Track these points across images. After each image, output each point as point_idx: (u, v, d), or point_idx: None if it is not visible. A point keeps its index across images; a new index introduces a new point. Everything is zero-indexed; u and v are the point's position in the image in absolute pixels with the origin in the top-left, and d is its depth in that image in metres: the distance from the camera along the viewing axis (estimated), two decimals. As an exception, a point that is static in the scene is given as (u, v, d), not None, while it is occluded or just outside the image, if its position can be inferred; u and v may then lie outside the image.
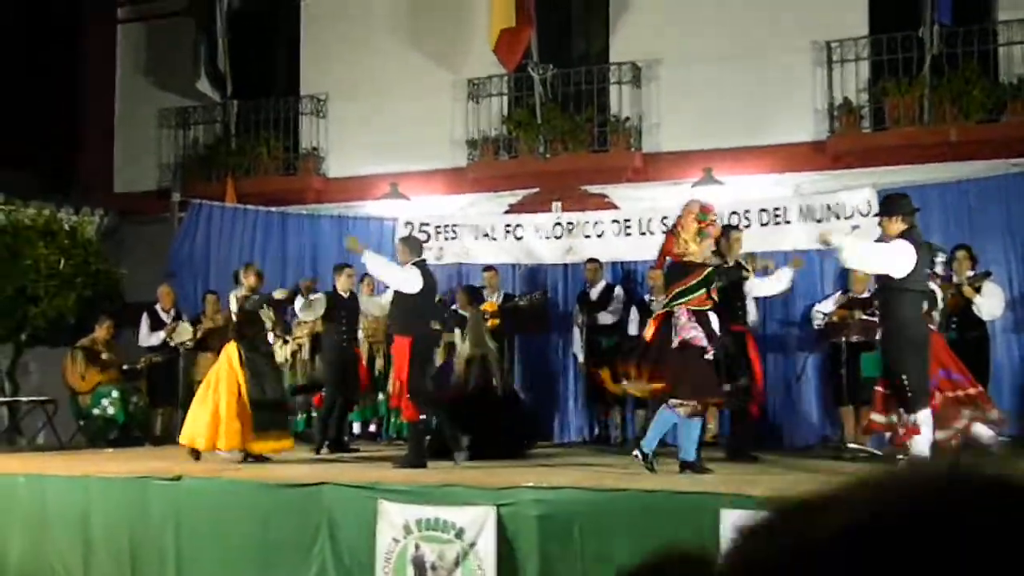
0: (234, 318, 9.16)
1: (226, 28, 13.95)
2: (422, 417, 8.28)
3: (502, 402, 9.45)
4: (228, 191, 13.37)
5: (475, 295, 10.33)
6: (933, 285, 8.06)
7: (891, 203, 7.16)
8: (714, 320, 7.30)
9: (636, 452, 7.34)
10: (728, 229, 9.10)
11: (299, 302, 9.70)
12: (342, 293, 10.10)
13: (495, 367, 9.50)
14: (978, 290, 8.75)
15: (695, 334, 7.18)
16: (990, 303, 8.77)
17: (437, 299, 9.49)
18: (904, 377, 6.86)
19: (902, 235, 6.87)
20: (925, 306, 7.53)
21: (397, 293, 8.53)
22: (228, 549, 7.22)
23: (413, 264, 8.41)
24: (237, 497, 7.34)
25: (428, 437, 8.52)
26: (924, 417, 6.89)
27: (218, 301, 11.65)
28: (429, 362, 8.66)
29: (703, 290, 7.28)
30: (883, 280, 7.04)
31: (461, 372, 9.45)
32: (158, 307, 11.70)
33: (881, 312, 7.19)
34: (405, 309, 8.42)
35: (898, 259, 6.82)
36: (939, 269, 8.61)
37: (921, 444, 6.85)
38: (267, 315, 9.67)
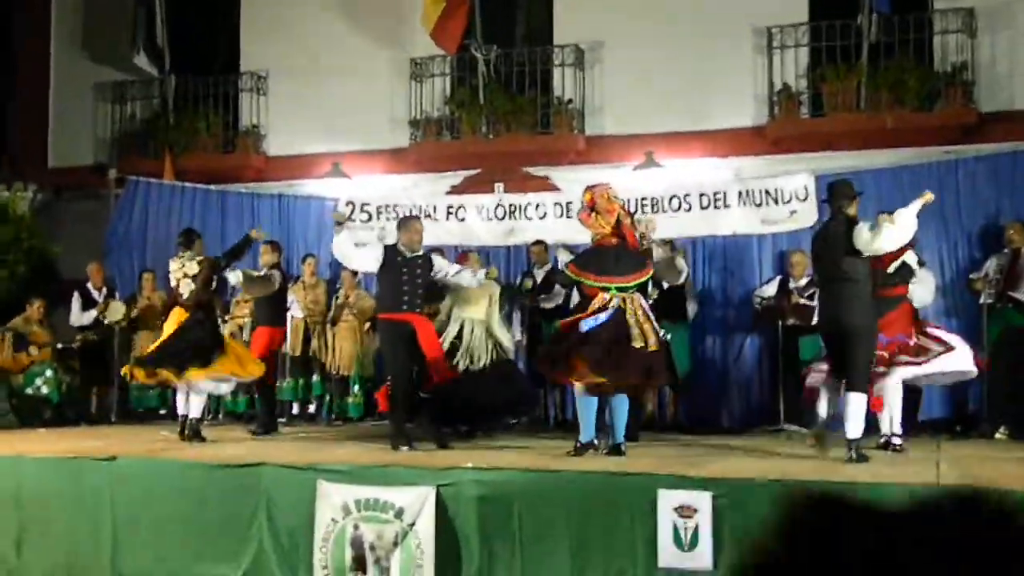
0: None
1: (165, 1, 13.71)
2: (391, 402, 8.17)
3: (490, 374, 8.90)
4: (166, 168, 13.18)
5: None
6: None
7: (847, 186, 7.32)
8: (596, 303, 7.33)
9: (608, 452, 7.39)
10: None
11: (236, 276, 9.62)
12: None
13: (481, 337, 8.97)
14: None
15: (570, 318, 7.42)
16: (922, 289, 8.92)
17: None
18: (851, 358, 6.98)
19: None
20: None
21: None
22: (165, 530, 7.14)
23: (387, 244, 8.34)
24: (174, 477, 7.25)
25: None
26: (857, 400, 7.02)
27: (155, 279, 11.51)
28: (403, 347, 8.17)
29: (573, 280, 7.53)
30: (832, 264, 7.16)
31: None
32: (89, 285, 11.48)
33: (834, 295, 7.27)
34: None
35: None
36: None
37: (852, 426, 6.98)
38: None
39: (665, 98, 12.08)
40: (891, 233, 6.96)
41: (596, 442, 7.47)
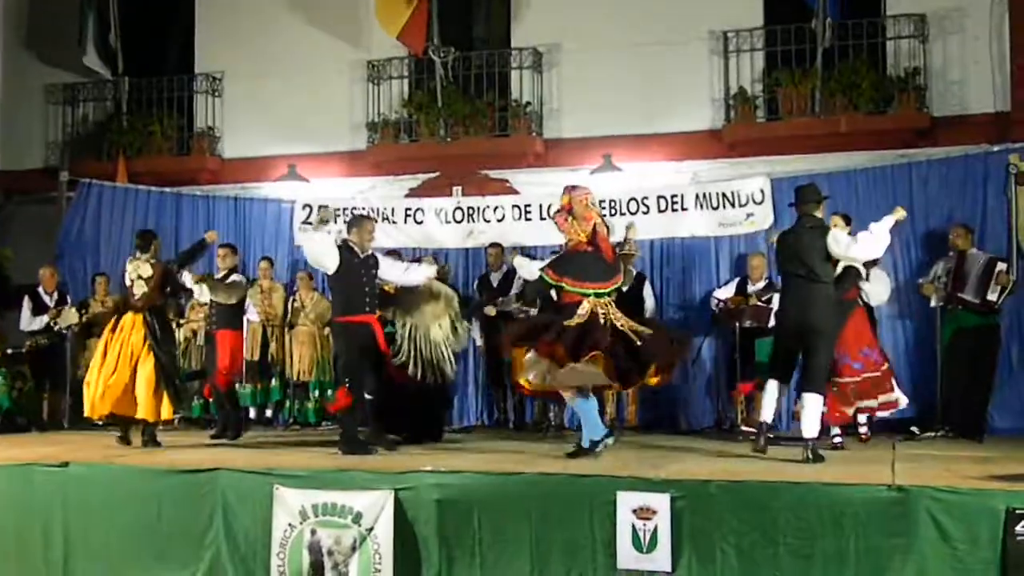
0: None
1: (117, 3, 13.54)
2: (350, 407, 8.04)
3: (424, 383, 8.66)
4: (119, 170, 13.02)
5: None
6: None
7: (812, 190, 7.50)
8: (580, 310, 7.28)
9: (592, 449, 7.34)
10: None
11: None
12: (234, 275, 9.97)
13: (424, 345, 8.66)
14: (866, 277, 9.01)
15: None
16: (877, 289, 9.04)
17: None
18: (813, 358, 7.11)
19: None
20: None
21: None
22: (119, 537, 7.04)
23: (341, 243, 8.16)
24: (128, 483, 7.16)
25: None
26: (815, 400, 7.09)
27: (108, 283, 11.35)
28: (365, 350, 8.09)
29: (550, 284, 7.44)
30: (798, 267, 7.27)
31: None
32: (40, 289, 11.28)
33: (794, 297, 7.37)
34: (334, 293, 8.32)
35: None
36: None
37: (808, 426, 7.04)
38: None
39: (622, 101, 12.11)
40: (868, 244, 7.12)
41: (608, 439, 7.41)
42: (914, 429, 9.30)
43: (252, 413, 11.43)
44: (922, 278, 9.79)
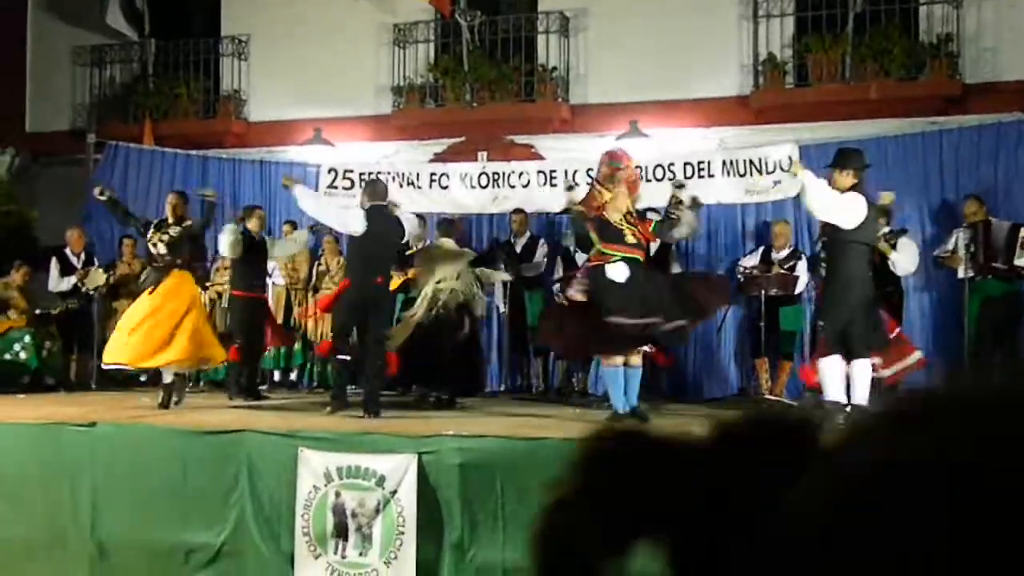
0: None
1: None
2: (339, 357, 8.26)
3: (449, 340, 8.89)
4: (146, 133, 13.04)
5: (448, 228, 10.01)
6: None
7: (844, 157, 7.20)
8: (616, 273, 7.25)
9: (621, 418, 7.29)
10: None
11: (231, 232, 9.59)
12: (255, 236, 9.93)
13: (452, 302, 8.87)
14: (894, 246, 8.93)
15: (573, 291, 7.27)
16: (905, 259, 8.96)
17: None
18: (821, 325, 7.05)
19: (852, 189, 6.96)
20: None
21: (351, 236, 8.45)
22: (145, 497, 7.12)
23: (366, 209, 8.28)
24: (154, 444, 7.22)
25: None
26: (862, 366, 6.98)
27: (135, 246, 11.40)
28: (355, 309, 8.40)
29: (592, 249, 7.32)
30: (830, 232, 7.10)
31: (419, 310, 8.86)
32: (68, 251, 11.36)
33: (827, 265, 7.23)
34: (349, 253, 8.39)
35: (849, 208, 6.92)
36: None
37: (859, 393, 6.94)
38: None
39: (650, 67, 12.01)
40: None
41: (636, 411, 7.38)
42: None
43: (276, 376, 11.51)
44: (939, 250, 9.67)
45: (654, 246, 8.40)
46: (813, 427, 0.64)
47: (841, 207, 6.92)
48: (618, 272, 7.19)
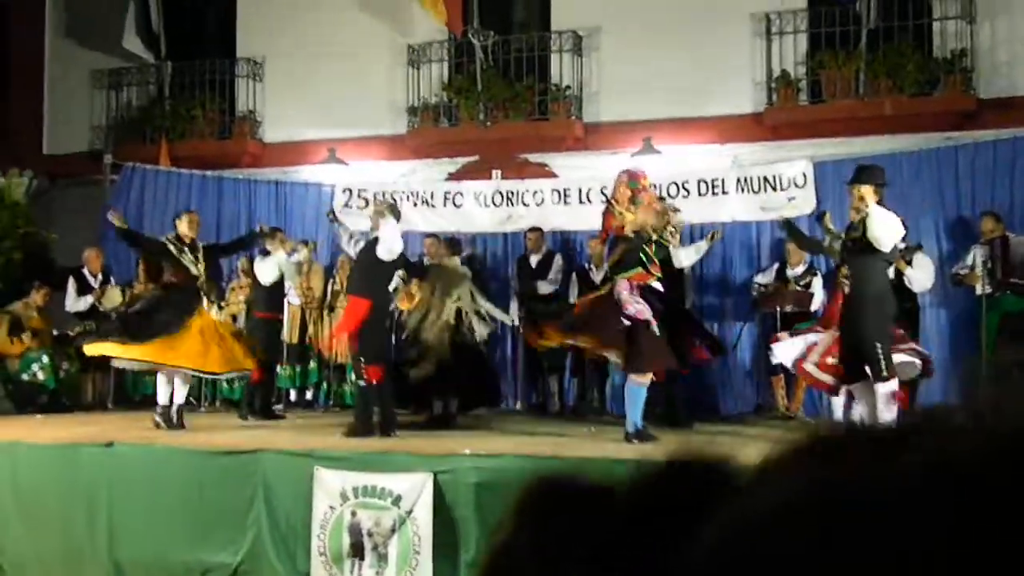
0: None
1: (160, -13, 13.66)
2: (374, 382, 8.09)
3: (462, 355, 8.96)
4: (162, 154, 13.12)
5: (453, 246, 10.09)
6: None
7: (866, 172, 7.11)
8: (659, 292, 7.38)
9: (629, 438, 7.26)
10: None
11: (291, 255, 9.70)
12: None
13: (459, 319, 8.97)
14: (909, 262, 8.90)
15: (638, 308, 7.23)
16: (921, 275, 8.93)
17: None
18: (879, 346, 6.77)
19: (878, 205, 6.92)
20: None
21: (361, 255, 8.41)
22: (162, 517, 7.13)
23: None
24: (171, 464, 7.24)
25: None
26: (891, 387, 6.87)
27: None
28: (380, 329, 8.44)
29: (639, 267, 7.34)
30: (857, 250, 7.03)
31: (416, 325, 8.94)
32: (85, 271, 11.42)
33: (858, 280, 7.07)
34: (369, 273, 8.30)
35: (898, 228, 6.95)
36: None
37: (888, 416, 6.83)
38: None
39: (663, 84, 12.02)
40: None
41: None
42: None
43: (292, 395, 11.53)
44: (957, 267, 9.63)
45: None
46: (727, 463, 0.65)
47: (896, 229, 6.95)
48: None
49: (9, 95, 15.01)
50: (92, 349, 8.60)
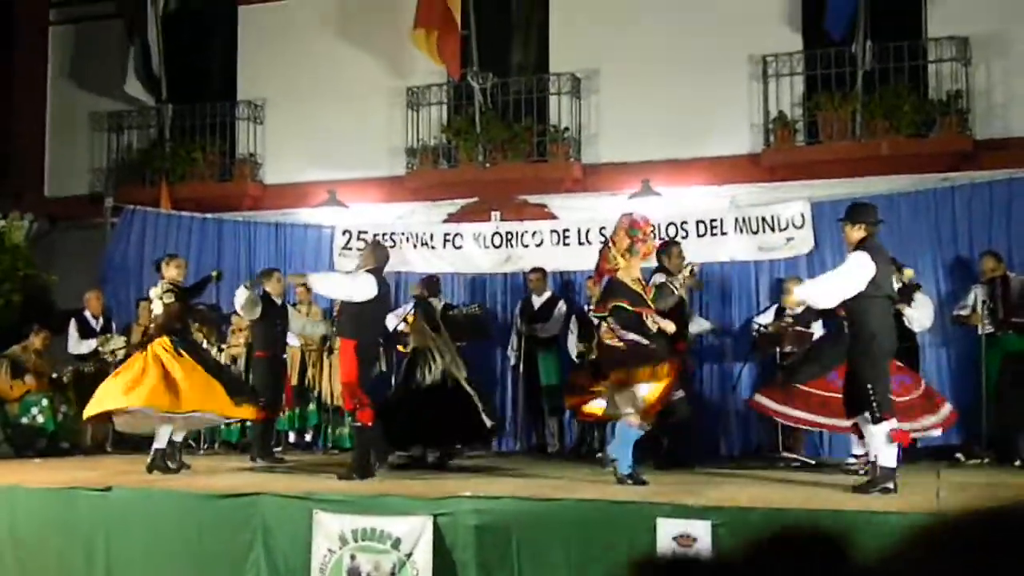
0: (158, 312, 8.88)
1: (160, 30, 13.77)
2: (369, 425, 8.13)
3: (451, 393, 9.01)
4: (163, 197, 13.17)
5: (432, 286, 10.27)
6: None
7: (856, 211, 7.18)
8: (653, 323, 7.37)
9: (620, 480, 7.23)
10: (671, 244, 9.25)
11: (241, 294, 9.56)
12: (275, 299, 9.98)
13: (442, 359, 9.12)
14: (908, 302, 8.91)
15: (632, 336, 7.26)
16: (920, 314, 8.94)
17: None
18: (870, 387, 6.75)
19: (860, 242, 6.94)
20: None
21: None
22: (161, 561, 7.09)
23: (369, 270, 8.34)
24: (169, 508, 7.21)
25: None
26: (887, 428, 6.84)
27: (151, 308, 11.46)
28: (371, 368, 8.55)
29: (633, 314, 7.37)
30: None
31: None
32: (87, 313, 11.44)
33: (849, 321, 7.10)
34: (352, 313, 8.34)
35: (854, 275, 6.86)
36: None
37: (886, 456, 6.80)
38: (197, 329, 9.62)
39: (661, 126, 12.11)
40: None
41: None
42: (959, 456, 9.16)
43: (291, 437, 11.49)
44: (957, 308, 9.64)
45: None
46: (842, 541, 0.65)
47: (844, 280, 6.93)
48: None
49: (11, 138, 15.11)
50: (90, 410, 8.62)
